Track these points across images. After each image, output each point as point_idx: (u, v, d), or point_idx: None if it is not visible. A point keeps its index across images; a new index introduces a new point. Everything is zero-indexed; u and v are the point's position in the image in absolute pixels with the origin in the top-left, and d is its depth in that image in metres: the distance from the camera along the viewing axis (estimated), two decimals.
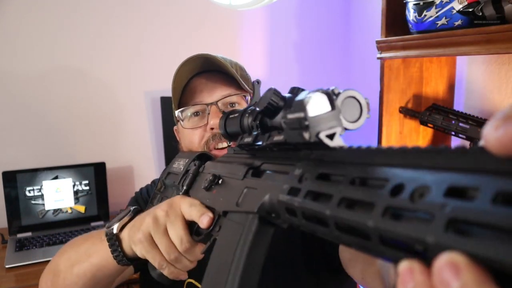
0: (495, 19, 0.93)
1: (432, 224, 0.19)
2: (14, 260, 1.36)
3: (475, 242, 0.17)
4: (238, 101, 0.77)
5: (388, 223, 0.22)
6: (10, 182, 1.54)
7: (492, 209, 0.17)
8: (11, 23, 1.59)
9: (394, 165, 0.24)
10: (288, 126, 0.34)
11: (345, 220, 0.25)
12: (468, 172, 0.20)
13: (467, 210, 0.18)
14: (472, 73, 1.33)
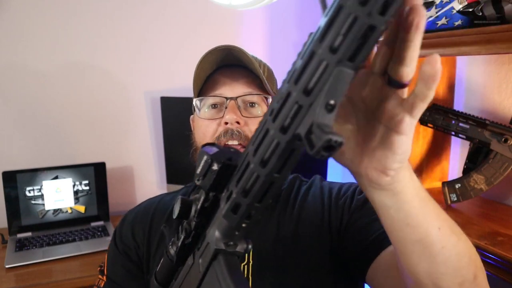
0: (495, 19, 0.93)
1: None
2: (14, 260, 1.36)
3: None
4: (258, 102, 0.74)
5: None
6: (10, 182, 1.54)
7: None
8: (12, 23, 1.59)
9: None
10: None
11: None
12: None
13: None
14: (472, 73, 1.33)
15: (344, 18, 0.29)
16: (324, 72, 0.31)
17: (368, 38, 0.30)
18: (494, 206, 1.20)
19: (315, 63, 0.31)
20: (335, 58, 0.30)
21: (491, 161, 1.09)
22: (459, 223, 1.06)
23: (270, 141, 0.35)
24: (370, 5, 0.28)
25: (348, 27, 0.29)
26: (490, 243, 0.94)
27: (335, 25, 0.30)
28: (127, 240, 0.79)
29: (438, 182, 1.37)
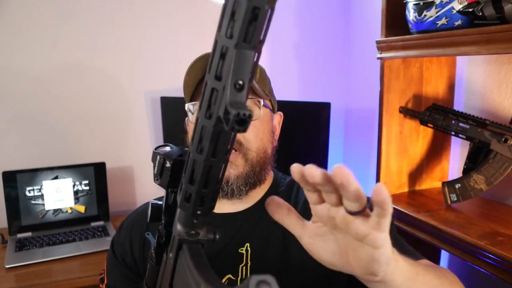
0: (495, 19, 0.93)
1: None
2: (14, 260, 1.36)
3: None
4: (250, 105, 0.74)
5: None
6: (10, 182, 1.54)
7: None
8: (12, 23, 1.59)
9: None
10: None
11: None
12: None
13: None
14: (472, 73, 1.33)
15: (231, 5, 0.32)
16: (225, 56, 0.33)
17: (256, 19, 0.32)
18: (494, 206, 1.20)
19: (218, 50, 0.34)
20: (232, 42, 0.32)
21: (491, 161, 1.09)
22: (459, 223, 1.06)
23: (200, 129, 0.38)
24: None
25: (232, 12, 0.32)
26: (490, 243, 0.94)
27: (226, 12, 0.33)
28: (124, 246, 0.80)
29: (438, 182, 1.37)
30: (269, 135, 0.78)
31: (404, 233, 1.20)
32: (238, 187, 0.73)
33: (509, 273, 0.89)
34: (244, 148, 0.73)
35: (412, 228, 1.15)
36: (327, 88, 2.07)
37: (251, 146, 0.73)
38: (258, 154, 0.74)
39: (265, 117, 0.77)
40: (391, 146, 1.29)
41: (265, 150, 0.76)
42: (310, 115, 1.75)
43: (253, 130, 0.74)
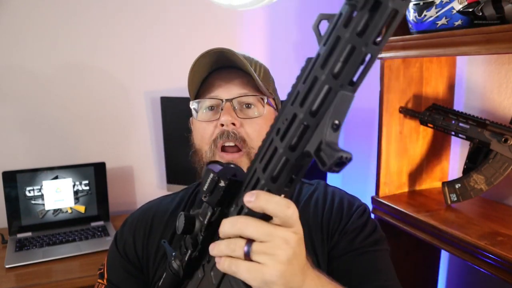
0: (495, 19, 0.93)
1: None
2: (14, 260, 1.36)
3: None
4: (254, 102, 0.75)
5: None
6: (10, 182, 1.54)
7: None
8: (12, 23, 1.59)
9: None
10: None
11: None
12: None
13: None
14: (472, 73, 1.33)
15: (342, 47, 0.33)
16: (328, 95, 0.34)
17: (365, 65, 0.34)
18: (494, 206, 1.20)
19: (319, 87, 0.35)
20: (337, 83, 0.34)
21: (491, 161, 1.09)
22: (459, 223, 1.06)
23: (279, 159, 0.39)
24: (366, 36, 0.32)
25: (347, 55, 0.33)
26: (490, 243, 0.94)
27: (335, 53, 0.34)
28: (127, 242, 0.80)
29: (438, 182, 1.37)
30: None
31: (404, 233, 1.20)
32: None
33: (509, 273, 0.89)
34: (247, 147, 0.73)
35: (412, 228, 1.15)
36: None
37: (254, 144, 0.73)
38: None
39: (269, 115, 0.76)
40: (391, 146, 1.29)
41: None
42: None
43: (256, 128, 0.74)
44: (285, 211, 0.42)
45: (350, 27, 0.33)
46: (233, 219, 0.44)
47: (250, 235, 0.42)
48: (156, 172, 1.88)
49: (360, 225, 0.75)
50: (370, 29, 0.32)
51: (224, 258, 0.44)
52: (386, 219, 1.24)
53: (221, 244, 0.44)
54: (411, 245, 1.35)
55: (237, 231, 0.43)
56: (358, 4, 0.32)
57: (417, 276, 1.42)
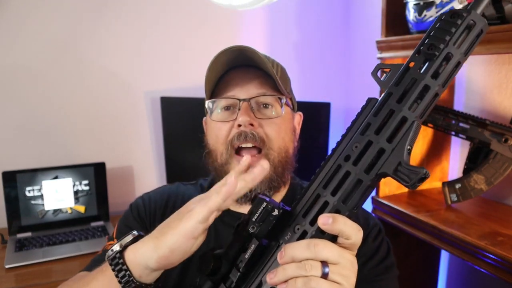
0: (495, 19, 0.92)
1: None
2: (14, 260, 1.36)
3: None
4: (272, 102, 0.72)
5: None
6: (10, 182, 1.54)
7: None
8: (12, 22, 1.59)
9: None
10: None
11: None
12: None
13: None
14: (472, 73, 1.33)
15: (419, 89, 0.42)
16: (411, 125, 0.42)
17: (433, 103, 0.43)
18: (494, 206, 1.20)
19: (399, 120, 0.43)
20: (414, 115, 0.42)
21: (491, 161, 1.09)
22: (459, 223, 1.07)
23: (352, 181, 0.44)
24: (439, 79, 0.42)
25: (420, 94, 0.42)
26: (490, 243, 0.94)
27: (415, 92, 0.42)
28: (141, 205, 0.80)
29: (438, 182, 1.37)
30: (290, 134, 0.76)
31: (404, 233, 1.20)
32: (262, 192, 0.71)
33: (509, 273, 0.89)
34: (266, 147, 0.70)
35: (412, 228, 1.15)
36: (327, 88, 2.07)
37: (272, 145, 0.71)
38: (279, 154, 0.72)
39: (287, 116, 0.75)
40: None
41: (287, 150, 0.73)
42: (310, 115, 1.75)
43: (275, 128, 0.72)
44: (358, 235, 0.44)
45: (427, 72, 0.42)
46: (306, 242, 0.44)
47: (326, 257, 0.43)
48: (156, 172, 1.88)
49: (373, 248, 0.73)
50: (442, 74, 0.42)
51: (295, 279, 0.43)
52: (386, 219, 1.24)
53: (288, 268, 0.43)
54: (411, 245, 1.35)
55: (312, 254, 0.43)
56: (434, 56, 0.42)
57: (417, 276, 1.42)
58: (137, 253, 0.52)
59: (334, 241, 0.45)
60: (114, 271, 0.52)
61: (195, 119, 0.84)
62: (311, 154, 1.74)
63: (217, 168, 0.74)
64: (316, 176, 0.48)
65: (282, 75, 0.76)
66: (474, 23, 0.41)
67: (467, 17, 0.41)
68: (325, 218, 0.43)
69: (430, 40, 0.42)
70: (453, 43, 0.41)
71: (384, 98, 0.45)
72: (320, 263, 0.43)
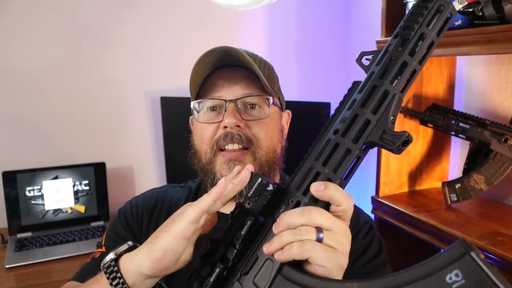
0: (495, 19, 0.92)
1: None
2: (14, 260, 1.36)
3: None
4: (259, 103, 0.72)
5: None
6: (10, 182, 1.54)
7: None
8: (11, 22, 1.59)
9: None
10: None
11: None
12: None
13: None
14: (472, 73, 1.33)
15: (398, 65, 0.46)
16: (393, 98, 0.45)
17: (412, 78, 0.46)
18: (494, 206, 1.20)
19: (381, 93, 0.46)
20: (396, 88, 0.46)
21: (491, 161, 1.09)
22: (459, 223, 1.06)
23: (341, 150, 0.46)
24: (416, 55, 0.45)
25: (399, 70, 0.46)
26: (490, 243, 0.94)
27: (393, 70, 0.46)
28: (128, 211, 0.80)
29: (438, 182, 1.37)
30: (278, 134, 0.75)
31: (404, 233, 1.20)
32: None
33: (509, 273, 0.89)
34: (253, 146, 0.70)
35: (412, 228, 1.15)
36: (327, 88, 2.07)
37: (260, 144, 0.70)
38: (267, 154, 0.71)
39: (275, 115, 0.74)
40: None
41: (275, 150, 0.73)
42: (310, 115, 1.75)
43: (263, 128, 0.71)
44: (349, 201, 0.46)
45: (405, 49, 0.45)
46: (300, 209, 0.46)
47: (319, 223, 0.45)
48: (156, 172, 1.88)
49: (363, 245, 0.72)
50: (418, 51, 0.45)
51: (290, 244, 0.44)
52: (386, 219, 1.24)
53: (284, 235, 0.45)
54: (411, 245, 1.35)
55: (307, 220, 0.45)
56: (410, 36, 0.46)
57: None
58: (132, 260, 0.53)
59: (327, 210, 0.46)
60: (109, 279, 0.52)
61: None
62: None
63: (201, 168, 0.73)
64: (309, 153, 0.50)
65: (269, 74, 0.75)
66: (443, 7, 0.46)
67: (436, 2, 0.46)
68: (317, 185, 0.45)
69: (405, 22, 0.46)
70: (426, 24, 0.46)
71: (367, 77, 0.48)
72: (314, 229, 0.45)
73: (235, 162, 0.69)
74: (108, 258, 0.55)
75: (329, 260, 0.44)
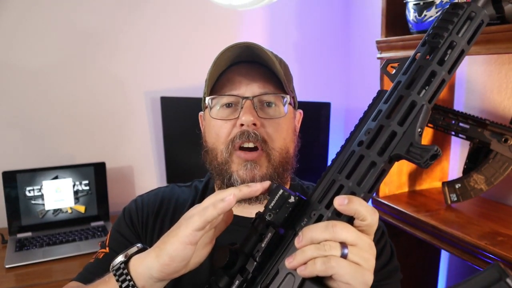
0: (495, 19, 0.92)
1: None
2: (14, 260, 1.36)
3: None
4: (275, 101, 0.70)
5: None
6: (10, 182, 1.54)
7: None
8: (12, 21, 1.59)
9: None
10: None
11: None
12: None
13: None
14: (472, 73, 1.33)
15: (426, 75, 0.44)
16: (420, 109, 0.44)
17: (440, 88, 0.45)
18: (494, 206, 1.20)
19: (408, 104, 0.44)
20: (423, 99, 0.44)
21: (491, 161, 1.09)
22: (459, 223, 1.06)
23: (365, 163, 0.45)
24: (445, 64, 0.44)
25: (427, 80, 0.44)
26: (490, 243, 0.94)
27: (420, 80, 0.44)
28: (134, 210, 0.79)
29: (438, 182, 1.37)
30: (292, 134, 0.74)
31: (404, 233, 1.20)
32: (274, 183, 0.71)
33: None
34: (268, 147, 0.69)
35: (412, 228, 1.15)
36: (327, 88, 2.07)
37: (274, 145, 0.69)
38: (280, 154, 0.70)
39: (289, 115, 0.73)
40: None
41: (288, 150, 0.72)
42: (310, 115, 1.75)
43: (277, 128, 0.70)
44: (374, 216, 0.44)
45: (434, 59, 0.44)
46: (324, 223, 0.44)
47: (344, 238, 0.43)
48: (156, 172, 1.88)
49: (377, 251, 0.72)
50: (447, 61, 0.44)
51: (314, 260, 0.43)
52: (386, 219, 1.24)
53: (307, 250, 0.43)
54: (411, 245, 1.35)
55: (331, 235, 0.43)
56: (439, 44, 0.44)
57: (417, 276, 1.42)
58: (141, 263, 0.53)
59: (351, 224, 0.45)
60: (118, 282, 0.52)
61: (195, 119, 0.82)
62: (311, 154, 1.74)
63: (216, 167, 0.72)
64: (332, 164, 0.48)
65: (286, 73, 0.74)
66: (474, 13, 0.44)
67: (467, 8, 0.44)
68: (341, 199, 0.43)
69: (434, 30, 0.45)
70: (456, 32, 0.44)
71: (393, 87, 0.47)
72: (339, 244, 0.43)
73: (251, 163, 0.68)
74: (117, 261, 0.54)
75: (354, 277, 0.42)
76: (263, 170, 0.68)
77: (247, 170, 0.68)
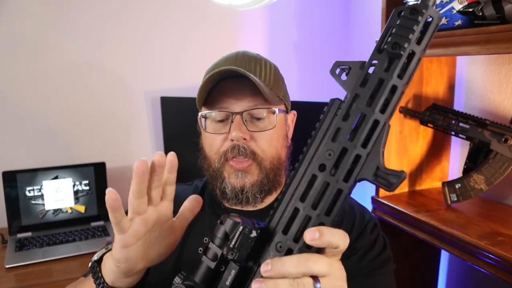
0: (495, 19, 0.92)
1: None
2: (14, 260, 1.36)
3: None
4: (264, 114, 0.73)
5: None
6: (10, 182, 1.54)
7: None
8: (12, 21, 1.59)
9: None
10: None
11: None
12: None
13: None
14: (472, 73, 1.33)
15: (387, 90, 0.41)
16: (383, 128, 0.41)
17: (398, 102, 0.42)
18: (494, 206, 1.20)
19: (371, 123, 0.41)
20: (384, 117, 0.41)
21: (491, 161, 1.09)
22: (459, 223, 1.07)
23: (332, 191, 0.42)
24: (405, 78, 0.41)
25: (389, 95, 0.42)
26: (490, 243, 0.94)
27: (382, 96, 0.42)
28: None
29: (438, 182, 1.37)
30: (283, 140, 0.77)
31: (404, 233, 1.20)
32: (253, 194, 0.73)
33: (509, 273, 0.89)
34: (258, 158, 0.72)
35: (412, 228, 1.15)
36: (327, 88, 2.07)
37: (265, 155, 0.73)
38: (271, 162, 0.74)
39: (280, 123, 0.75)
40: (391, 146, 1.29)
41: (279, 157, 0.75)
42: (310, 115, 1.75)
43: (267, 139, 0.73)
44: (346, 241, 0.43)
45: (394, 72, 0.41)
46: (296, 258, 0.42)
47: (317, 271, 0.42)
48: None
49: (371, 240, 0.74)
50: (407, 72, 0.41)
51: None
52: (386, 219, 1.24)
53: (280, 284, 0.41)
54: (411, 245, 1.35)
55: (304, 269, 0.41)
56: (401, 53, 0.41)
57: (417, 276, 1.42)
58: (107, 262, 0.57)
59: (321, 252, 0.43)
60: (93, 279, 0.58)
61: (195, 119, 0.84)
62: None
63: (211, 173, 0.76)
64: (287, 187, 0.45)
65: (274, 81, 0.76)
66: (432, 19, 0.41)
67: (425, 14, 0.40)
68: (311, 233, 0.41)
69: (393, 38, 0.41)
70: (414, 40, 0.41)
71: (350, 101, 0.44)
72: (311, 280, 0.42)
73: (242, 173, 0.72)
74: (92, 259, 0.59)
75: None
76: (254, 177, 0.72)
77: (238, 178, 0.72)
